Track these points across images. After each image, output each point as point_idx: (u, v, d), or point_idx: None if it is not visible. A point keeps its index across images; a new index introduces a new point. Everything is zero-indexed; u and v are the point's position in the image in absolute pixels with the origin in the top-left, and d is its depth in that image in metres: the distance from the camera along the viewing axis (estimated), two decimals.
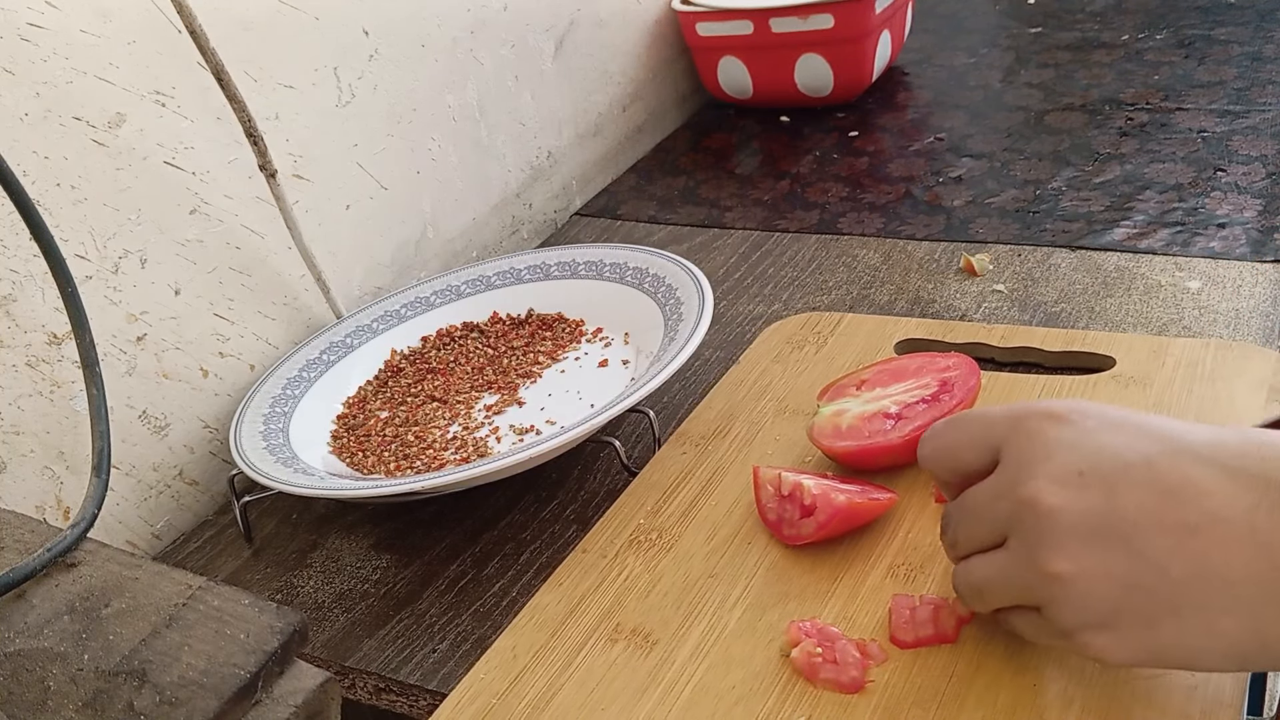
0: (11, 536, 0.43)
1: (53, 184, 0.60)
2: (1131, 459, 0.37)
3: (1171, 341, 0.60)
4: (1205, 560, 0.35)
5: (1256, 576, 0.34)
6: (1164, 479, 0.36)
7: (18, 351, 0.59)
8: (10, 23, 0.57)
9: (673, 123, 1.14)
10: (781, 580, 0.50)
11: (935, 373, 0.57)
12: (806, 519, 0.50)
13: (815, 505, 0.50)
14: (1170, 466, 0.36)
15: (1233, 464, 0.35)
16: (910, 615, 0.45)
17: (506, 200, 0.93)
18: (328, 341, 0.73)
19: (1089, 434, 0.38)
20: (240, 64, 0.68)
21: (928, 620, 0.45)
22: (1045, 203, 0.83)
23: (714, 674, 0.46)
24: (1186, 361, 0.58)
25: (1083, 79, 1.02)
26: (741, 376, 0.65)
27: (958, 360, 0.57)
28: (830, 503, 0.50)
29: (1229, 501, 0.35)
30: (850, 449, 0.54)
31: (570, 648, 0.49)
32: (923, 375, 0.57)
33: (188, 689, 0.35)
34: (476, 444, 0.64)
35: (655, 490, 0.57)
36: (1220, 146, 0.86)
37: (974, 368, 0.56)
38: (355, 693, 0.54)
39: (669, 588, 0.51)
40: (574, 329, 0.73)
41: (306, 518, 0.66)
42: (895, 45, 1.09)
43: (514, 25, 0.90)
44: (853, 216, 0.87)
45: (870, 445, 0.53)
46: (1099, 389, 0.57)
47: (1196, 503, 0.35)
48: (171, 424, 0.67)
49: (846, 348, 0.65)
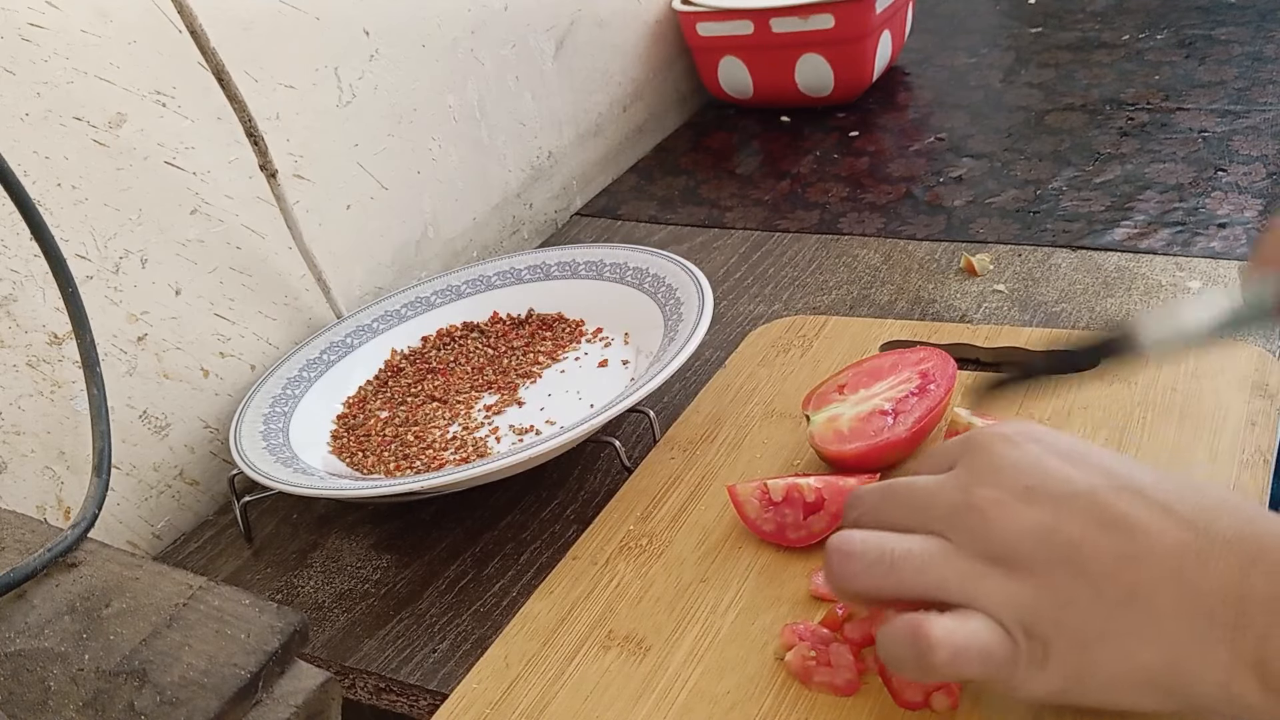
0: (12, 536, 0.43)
1: (53, 184, 0.60)
2: (1078, 487, 0.38)
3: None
4: (1136, 589, 0.36)
5: (1179, 613, 0.35)
6: (1106, 511, 0.37)
7: (18, 351, 0.59)
8: (11, 23, 0.57)
9: (673, 123, 1.14)
10: (774, 584, 0.50)
11: (911, 367, 0.57)
12: (814, 515, 0.50)
13: (822, 498, 0.50)
14: (1112, 500, 0.37)
15: (1171, 504, 0.37)
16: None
17: (507, 200, 0.93)
18: (328, 341, 0.73)
19: (1037, 459, 0.39)
20: (241, 64, 0.68)
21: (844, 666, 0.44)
22: (1046, 203, 0.83)
23: (708, 679, 0.46)
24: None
25: (1083, 79, 1.02)
26: (728, 381, 0.65)
27: (929, 352, 0.58)
28: (840, 490, 0.50)
29: (1163, 539, 0.36)
30: (860, 450, 0.54)
31: (563, 656, 0.49)
32: (900, 371, 0.57)
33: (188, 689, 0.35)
34: (476, 444, 0.64)
35: (645, 496, 0.57)
36: (1221, 146, 0.86)
37: (946, 357, 0.57)
38: (355, 693, 0.54)
39: (661, 593, 0.51)
40: (574, 329, 0.73)
41: (307, 518, 0.66)
42: (896, 45, 1.09)
43: (514, 25, 0.91)
44: (853, 216, 0.87)
45: (880, 443, 0.54)
46: (1084, 388, 0.57)
47: (1133, 536, 0.36)
48: (172, 424, 0.67)
49: (832, 351, 0.66)
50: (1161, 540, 0.36)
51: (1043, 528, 0.38)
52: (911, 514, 0.41)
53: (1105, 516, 0.37)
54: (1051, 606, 0.37)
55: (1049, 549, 0.37)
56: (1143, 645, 0.36)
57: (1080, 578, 0.37)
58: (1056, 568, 0.37)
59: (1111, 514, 0.37)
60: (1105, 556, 0.37)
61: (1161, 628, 0.36)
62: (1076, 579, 0.37)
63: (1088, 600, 0.37)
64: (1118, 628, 0.36)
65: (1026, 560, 0.38)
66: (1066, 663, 0.37)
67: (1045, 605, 0.37)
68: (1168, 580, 0.36)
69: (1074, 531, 0.37)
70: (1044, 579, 0.37)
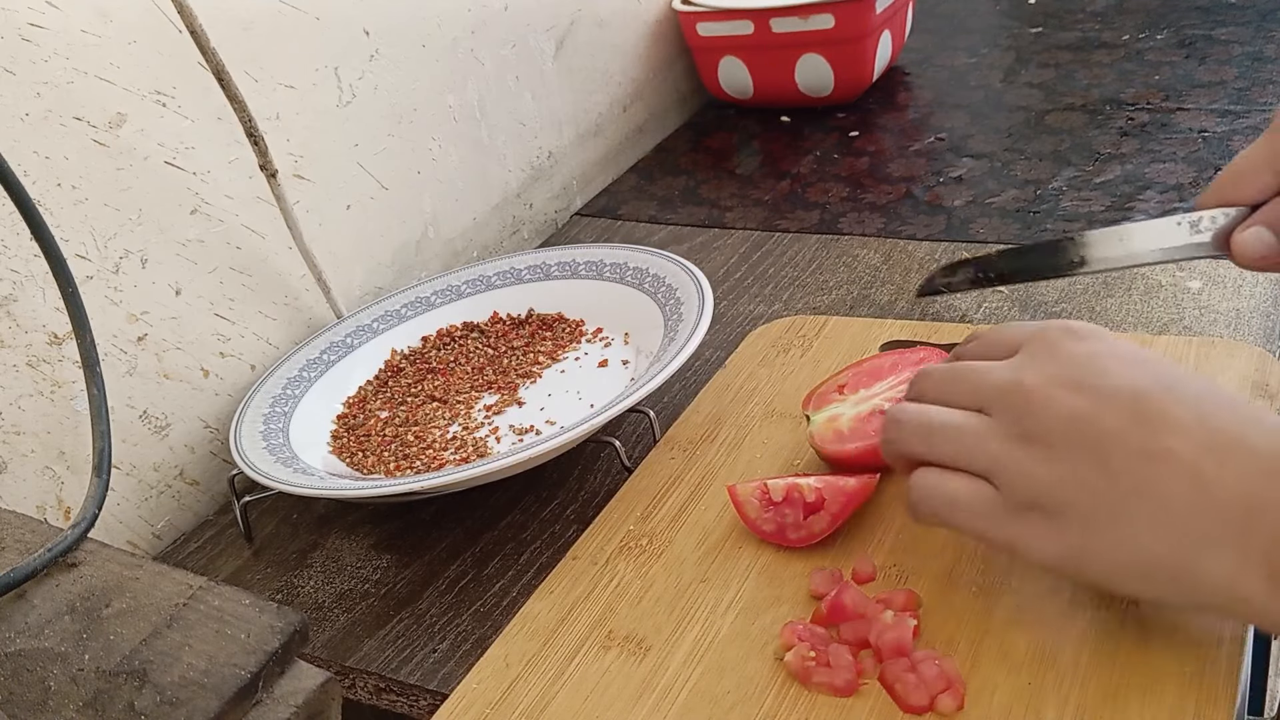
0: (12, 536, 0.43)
1: (53, 184, 0.60)
2: (1123, 385, 0.40)
3: (1154, 339, 0.60)
4: (1152, 483, 0.38)
5: (1189, 511, 0.37)
6: (1145, 408, 0.39)
7: (18, 351, 0.59)
8: (11, 23, 0.57)
9: (673, 123, 1.14)
10: (774, 584, 0.50)
11: (911, 367, 0.57)
12: (814, 515, 0.50)
13: (822, 498, 0.50)
14: (1154, 400, 0.39)
15: (1209, 413, 0.39)
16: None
17: (507, 200, 0.93)
18: (328, 341, 0.73)
19: (1096, 356, 0.41)
20: (241, 64, 0.68)
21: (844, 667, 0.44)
22: (1046, 203, 0.83)
23: (708, 679, 0.46)
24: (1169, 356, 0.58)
25: (1083, 79, 1.02)
26: (728, 381, 0.65)
27: (928, 352, 0.58)
28: (841, 490, 0.50)
29: (1190, 441, 0.38)
30: (860, 450, 0.54)
31: (563, 656, 0.49)
32: (900, 370, 0.57)
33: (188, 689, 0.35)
34: (476, 444, 0.64)
35: (644, 496, 0.57)
36: (1221, 146, 0.86)
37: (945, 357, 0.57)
38: (355, 693, 0.54)
39: (661, 593, 0.51)
40: (574, 329, 0.73)
41: (307, 518, 0.66)
42: (896, 45, 1.09)
43: (514, 25, 0.91)
44: (853, 216, 0.87)
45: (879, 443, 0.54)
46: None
47: (1163, 435, 0.38)
48: (172, 424, 0.67)
49: (832, 351, 0.66)
50: (1187, 440, 0.38)
51: (1079, 416, 0.40)
52: (965, 392, 0.43)
53: (1143, 413, 0.39)
54: (1064, 487, 0.39)
55: (1078, 435, 0.39)
56: (1150, 536, 0.38)
57: (1099, 466, 0.39)
58: (1079, 452, 0.39)
59: (1148, 411, 0.39)
60: (1130, 452, 0.39)
61: (1171, 521, 0.38)
62: (1095, 467, 0.39)
63: (1103, 486, 0.39)
64: (1129, 513, 0.38)
65: (1055, 442, 0.40)
66: (1068, 538, 0.40)
67: (1058, 485, 0.40)
68: (1184, 477, 0.38)
69: (1107, 423, 0.39)
70: (1065, 462, 0.40)
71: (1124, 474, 0.38)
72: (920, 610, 0.46)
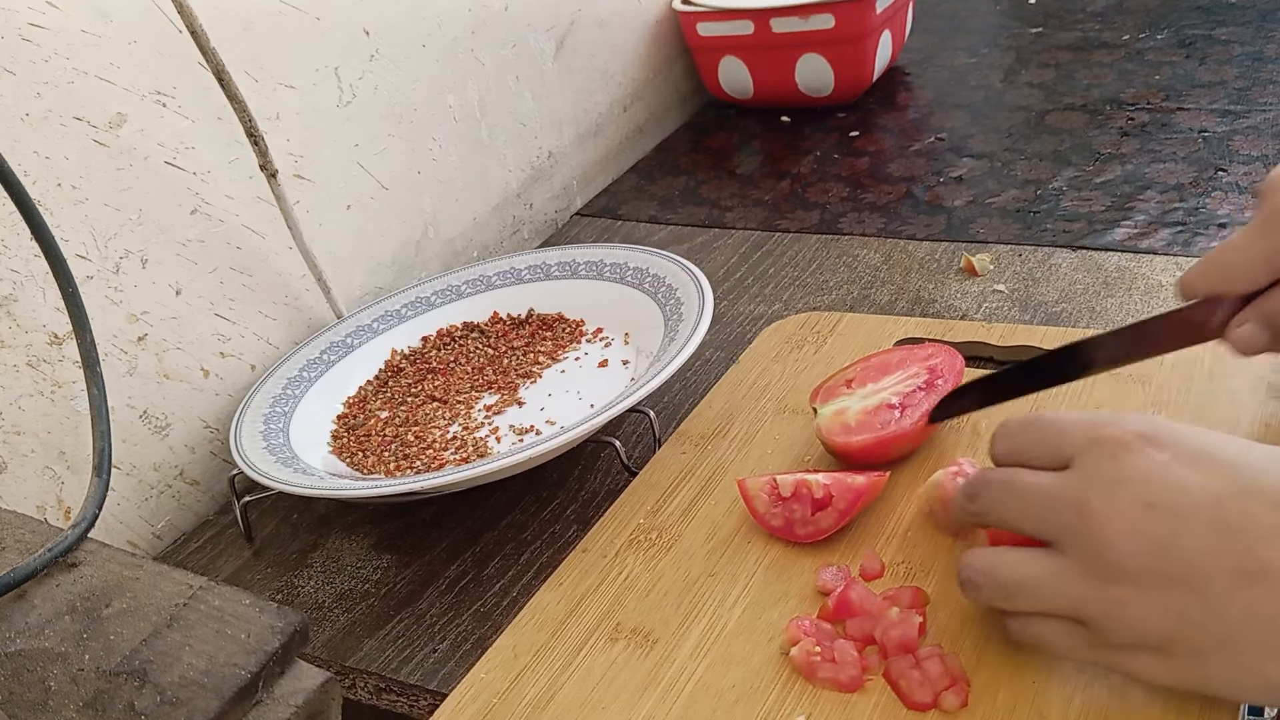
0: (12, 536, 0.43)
1: (54, 184, 0.60)
2: (1200, 499, 0.37)
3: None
4: (1259, 607, 0.35)
5: None
6: (1229, 520, 0.36)
7: (19, 351, 0.59)
8: (11, 23, 0.57)
9: (673, 123, 1.14)
10: (781, 579, 0.50)
11: (919, 362, 0.57)
12: (822, 511, 0.51)
13: (830, 495, 0.50)
14: (1237, 508, 0.36)
15: None
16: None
17: (507, 200, 0.93)
18: (328, 341, 0.73)
19: (1163, 467, 0.38)
20: (241, 64, 0.68)
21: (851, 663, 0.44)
22: (1046, 203, 0.83)
23: (714, 672, 0.46)
24: (1185, 359, 0.58)
25: (1083, 79, 1.02)
26: (741, 376, 0.65)
27: (936, 348, 0.58)
28: (849, 487, 0.50)
29: None
30: (866, 442, 0.54)
31: (571, 647, 0.49)
32: (908, 366, 0.57)
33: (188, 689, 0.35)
34: (476, 444, 0.64)
35: (655, 490, 0.57)
36: (1221, 146, 0.86)
37: (954, 353, 0.57)
38: (356, 693, 0.54)
39: (669, 587, 0.51)
40: (574, 329, 0.73)
41: (307, 518, 0.66)
42: (896, 45, 1.09)
43: (514, 25, 0.91)
44: (853, 216, 0.87)
45: (886, 436, 0.54)
46: (1098, 387, 0.57)
47: (1257, 549, 0.36)
48: (172, 424, 0.67)
49: (846, 347, 0.65)
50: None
51: (1159, 543, 0.37)
52: (1029, 516, 0.41)
53: (1228, 526, 0.36)
54: (1164, 623, 0.37)
55: (1163, 565, 0.37)
56: (1268, 660, 0.36)
57: (1197, 596, 0.36)
58: (1169, 583, 0.37)
59: (1234, 524, 0.36)
60: (1225, 574, 0.36)
61: None
62: (1194, 597, 0.36)
63: (1206, 618, 0.36)
64: (1241, 643, 0.36)
65: (1139, 578, 0.37)
66: (1180, 671, 0.37)
67: (1156, 623, 0.37)
68: None
69: (1191, 549, 0.36)
70: (1156, 597, 0.37)
71: (1226, 603, 0.36)
72: (927, 607, 0.47)
